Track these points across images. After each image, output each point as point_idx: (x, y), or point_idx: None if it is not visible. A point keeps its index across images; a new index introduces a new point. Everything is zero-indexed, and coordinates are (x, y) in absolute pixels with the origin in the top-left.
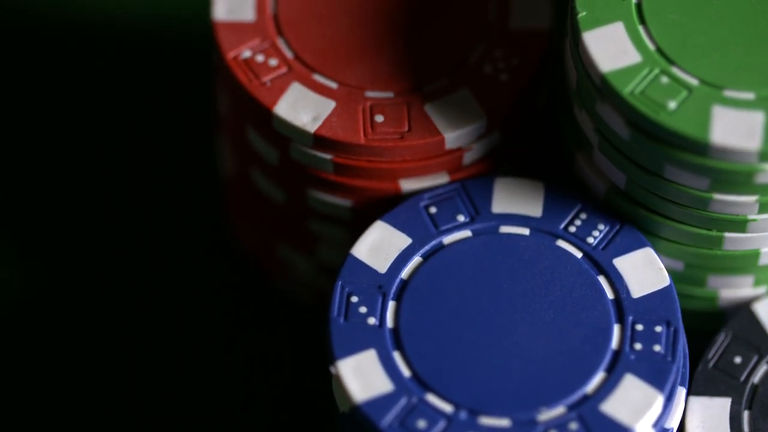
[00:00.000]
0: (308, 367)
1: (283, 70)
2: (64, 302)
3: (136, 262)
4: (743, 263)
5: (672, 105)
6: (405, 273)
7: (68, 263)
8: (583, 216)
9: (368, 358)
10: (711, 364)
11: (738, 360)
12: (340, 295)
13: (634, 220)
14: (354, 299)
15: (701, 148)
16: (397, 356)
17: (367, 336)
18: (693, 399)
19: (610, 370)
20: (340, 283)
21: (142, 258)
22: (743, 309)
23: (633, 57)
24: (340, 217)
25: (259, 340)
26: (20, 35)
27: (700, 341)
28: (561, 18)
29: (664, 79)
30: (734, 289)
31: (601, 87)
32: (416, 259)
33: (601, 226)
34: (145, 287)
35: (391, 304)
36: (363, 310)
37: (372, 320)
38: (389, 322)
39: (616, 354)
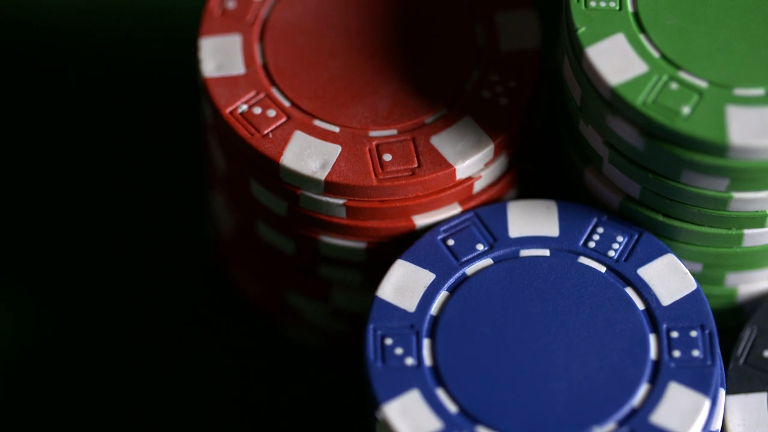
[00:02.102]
0: (329, 410)
1: (283, 119)
2: (66, 351)
3: (137, 321)
4: (762, 258)
5: (686, 110)
6: (434, 309)
7: (65, 320)
8: (600, 230)
9: (413, 398)
10: (741, 360)
11: (767, 354)
12: (374, 339)
13: (652, 228)
14: (388, 341)
15: (720, 150)
16: (440, 393)
17: (408, 377)
18: (730, 398)
19: (653, 381)
20: (371, 326)
21: (144, 315)
22: (764, 302)
23: (639, 67)
24: (352, 260)
25: (271, 387)
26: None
27: (721, 339)
28: (548, 35)
29: (674, 85)
30: (752, 283)
31: (610, 100)
32: (443, 294)
33: (620, 238)
34: (150, 345)
35: (425, 342)
36: (399, 351)
37: (410, 360)
38: (427, 360)
39: (656, 364)
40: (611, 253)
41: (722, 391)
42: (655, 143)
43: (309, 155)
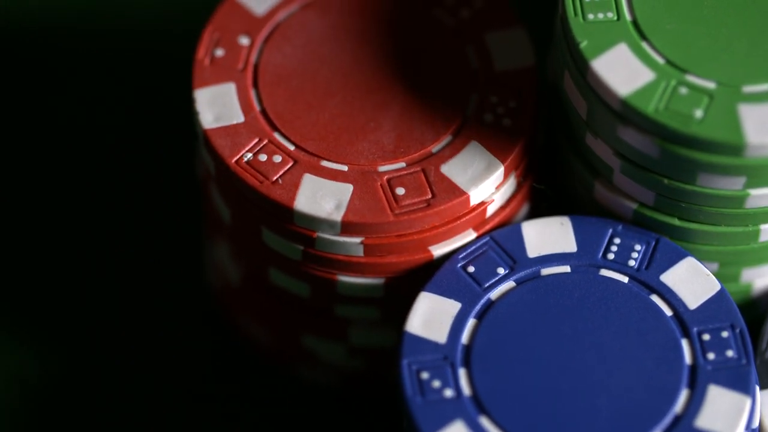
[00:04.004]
0: None
1: (290, 164)
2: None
3: (144, 379)
4: None
5: (698, 114)
6: (464, 338)
7: (62, 358)
8: (617, 240)
9: (457, 430)
10: (767, 355)
11: None
12: (410, 374)
13: (667, 232)
14: (424, 375)
15: (737, 149)
16: (484, 421)
17: (450, 408)
18: (762, 393)
19: (692, 386)
20: (405, 361)
21: (146, 367)
22: None
23: (646, 75)
24: (371, 297)
25: (286, 429)
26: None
27: None
28: (539, 52)
29: (683, 90)
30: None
31: (621, 111)
32: (471, 321)
33: (638, 247)
34: (158, 398)
35: (461, 372)
36: (437, 384)
37: (449, 392)
38: (465, 389)
39: (693, 368)
40: (631, 263)
41: (757, 388)
42: (670, 149)
43: (322, 197)
